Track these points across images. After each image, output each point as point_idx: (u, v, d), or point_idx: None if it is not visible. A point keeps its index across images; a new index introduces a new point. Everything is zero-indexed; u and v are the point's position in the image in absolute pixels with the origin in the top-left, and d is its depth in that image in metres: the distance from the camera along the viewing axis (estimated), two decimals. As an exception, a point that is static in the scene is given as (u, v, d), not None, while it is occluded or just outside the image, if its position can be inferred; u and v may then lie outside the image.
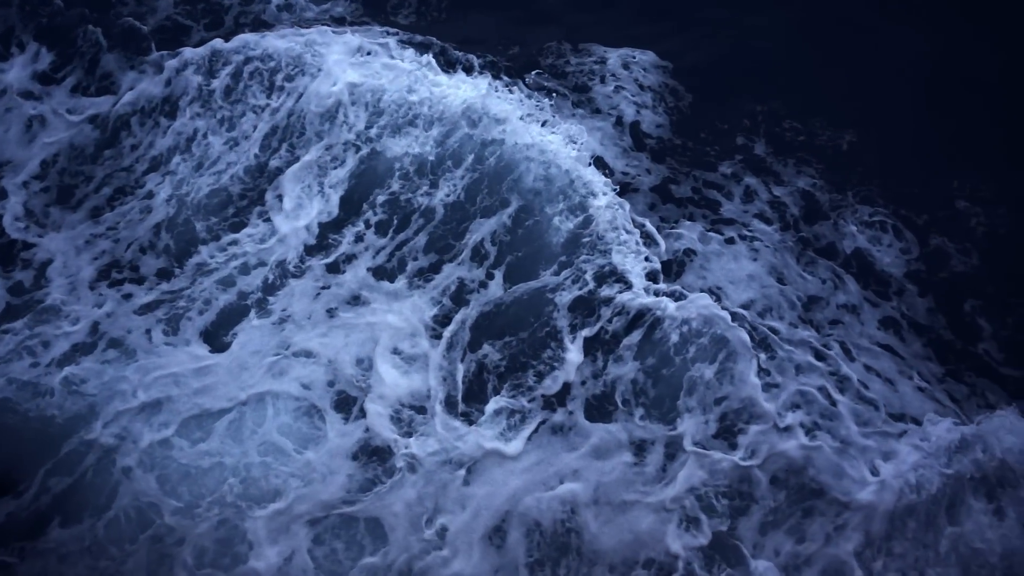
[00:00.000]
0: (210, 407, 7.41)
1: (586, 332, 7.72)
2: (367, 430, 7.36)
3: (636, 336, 7.64)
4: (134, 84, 9.26)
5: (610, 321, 7.77)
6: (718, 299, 7.97)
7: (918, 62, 9.61)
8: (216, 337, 7.77)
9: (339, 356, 7.66)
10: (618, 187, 8.48)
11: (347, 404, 7.47)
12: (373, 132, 8.85)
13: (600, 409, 7.45)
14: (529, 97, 9.10)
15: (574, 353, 7.63)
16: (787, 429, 7.26)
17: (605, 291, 7.88)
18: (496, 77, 9.33)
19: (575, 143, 8.69)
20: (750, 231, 8.47)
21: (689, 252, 8.40)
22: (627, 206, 8.34)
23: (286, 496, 7.12)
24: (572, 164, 8.47)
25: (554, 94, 9.40)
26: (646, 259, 8.08)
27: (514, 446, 7.21)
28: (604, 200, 8.28)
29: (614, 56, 9.74)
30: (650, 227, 8.43)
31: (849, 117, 9.07)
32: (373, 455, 7.29)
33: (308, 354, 7.66)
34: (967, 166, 8.74)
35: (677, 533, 6.94)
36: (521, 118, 8.71)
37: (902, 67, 9.55)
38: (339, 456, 7.30)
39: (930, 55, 9.66)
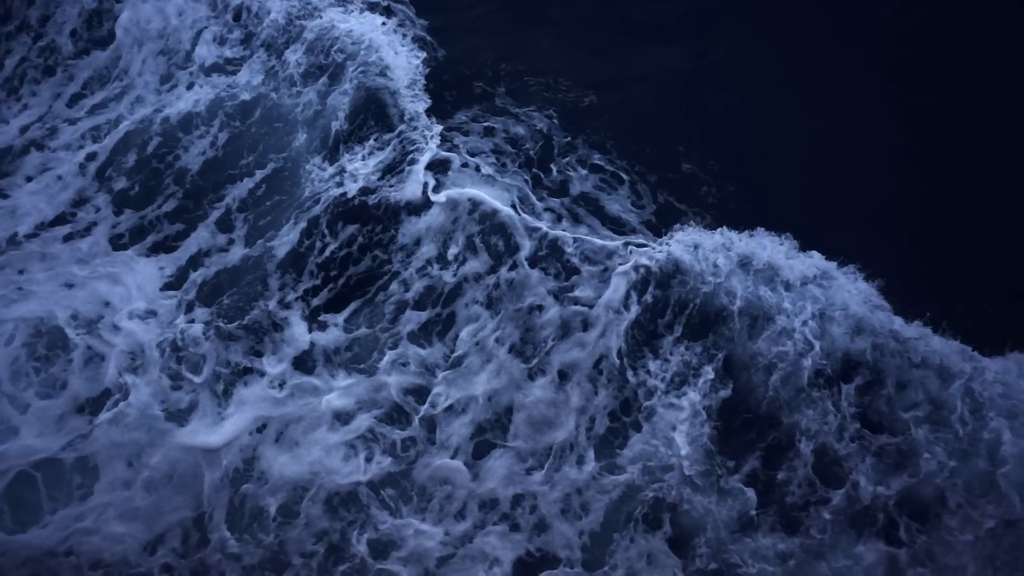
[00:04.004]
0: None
1: (314, 299, 8.07)
2: (90, 380, 7.59)
3: (356, 301, 8.08)
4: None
5: (339, 277, 8.17)
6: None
7: (673, 38, 9.96)
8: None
9: (70, 312, 7.82)
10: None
11: (72, 354, 7.65)
12: (153, 94, 9.23)
13: (310, 358, 7.79)
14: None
15: (297, 316, 7.95)
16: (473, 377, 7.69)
17: (347, 229, 8.28)
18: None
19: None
20: (488, 163, 8.69)
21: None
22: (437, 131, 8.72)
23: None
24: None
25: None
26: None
27: (217, 435, 7.46)
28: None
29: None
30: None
31: (593, 79, 9.38)
32: (92, 403, 7.52)
33: (39, 309, 7.79)
34: (696, 139, 9.02)
35: (354, 467, 7.27)
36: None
37: (658, 40, 9.90)
38: (61, 402, 7.45)
39: (692, 33, 9.99)
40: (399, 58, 9.17)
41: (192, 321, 7.83)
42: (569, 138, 8.95)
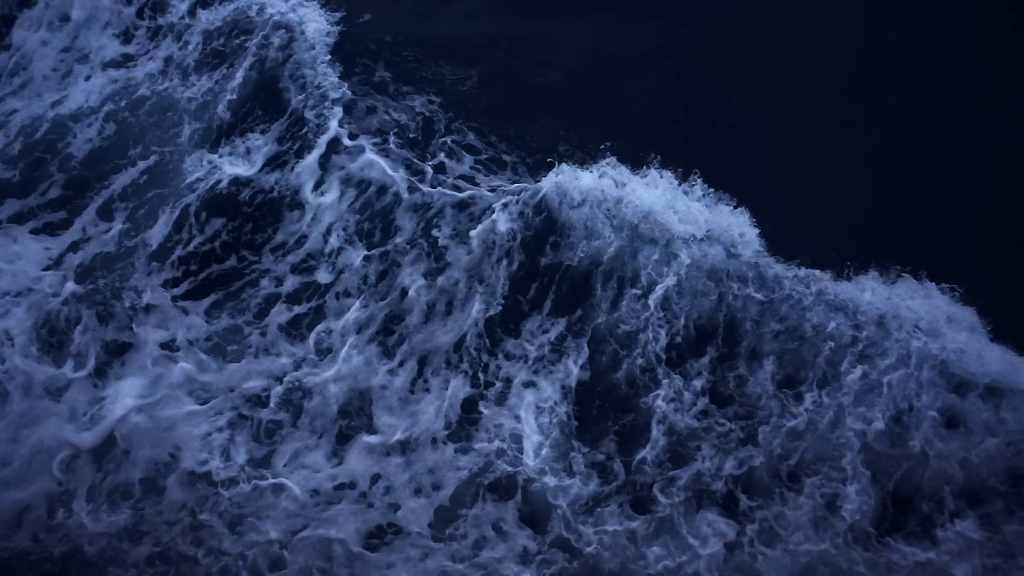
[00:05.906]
0: None
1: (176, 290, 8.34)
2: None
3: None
4: None
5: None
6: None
7: (570, 24, 9.89)
8: None
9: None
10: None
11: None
12: (52, 90, 9.45)
13: (178, 345, 7.99)
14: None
15: (160, 293, 8.26)
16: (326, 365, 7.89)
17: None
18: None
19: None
20: (371, 143, 8.76)
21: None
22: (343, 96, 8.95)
23: None
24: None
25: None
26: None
27: (88, 435, 7.64)
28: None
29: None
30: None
31: (482, 62, 9.40)
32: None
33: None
34: (577, 122, 9.03)
35: (215, 447, 7.50)
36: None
37: (553, 26, 9.85)
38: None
39: (590, 21, 9.92)
40: (309, 28, 9.41)
41: (67, 302, 8.08)
42: (451, 119, 8.99)
